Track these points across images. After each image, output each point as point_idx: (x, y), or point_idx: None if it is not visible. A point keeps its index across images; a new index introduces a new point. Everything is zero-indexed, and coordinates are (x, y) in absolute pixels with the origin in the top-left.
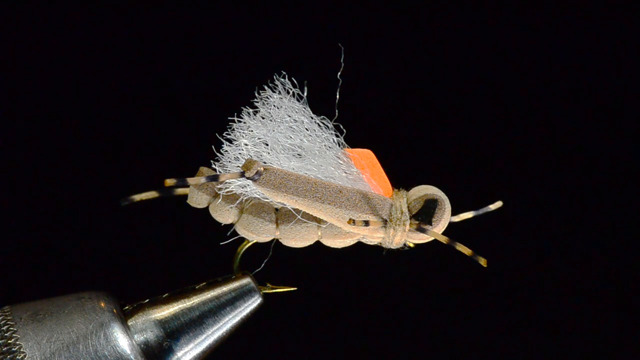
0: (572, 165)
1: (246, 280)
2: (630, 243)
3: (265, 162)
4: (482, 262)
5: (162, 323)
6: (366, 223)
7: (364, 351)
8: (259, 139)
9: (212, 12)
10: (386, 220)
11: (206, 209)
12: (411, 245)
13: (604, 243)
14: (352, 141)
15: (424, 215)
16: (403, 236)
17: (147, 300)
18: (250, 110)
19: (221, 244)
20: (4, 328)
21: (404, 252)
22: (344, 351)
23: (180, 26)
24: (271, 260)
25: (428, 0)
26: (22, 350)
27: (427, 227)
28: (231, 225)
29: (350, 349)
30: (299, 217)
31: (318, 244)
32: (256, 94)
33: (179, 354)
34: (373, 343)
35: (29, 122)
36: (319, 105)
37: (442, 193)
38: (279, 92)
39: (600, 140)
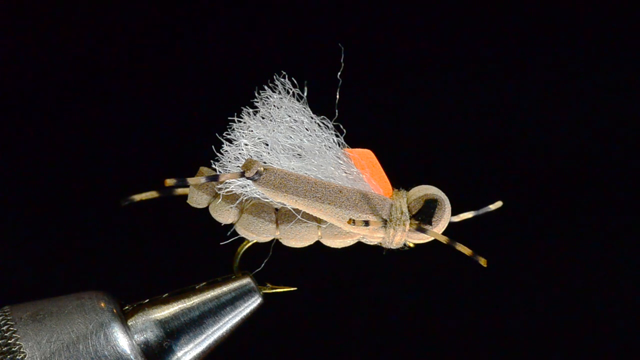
0: (572, 165)
1: (246, 280)
2: (630, 243)
3: (265, 162)
4: (482, 262)
5: (162, 323)
6: (366, 223)
7: (364, 351)
8: (259, 139)
9: (212, 12)
10: (386, 220)
11: (206, 209)
12: (411, 245)
13: (603, 242)
14: (352, 141)
15: (424, 215)
16: (403, 236)
17: (147, 300)
18: (250, 110)
19: (221, 244)
20: (4, 328)
21: (404, 252)
22: (344, 351)
23: (181, 26)
24: (271, 260)
25: (428, 0)
26: (22, 350)
27: (427, 227)
28: (231, 225)
29: (350, 349)
30: (299, 217)
31: (318, 244)
32: (256, 94)
33: (179, 354)
34: (373, 343)
35: (30, 122)
36: (319, 105)
37: (442, 193)
38: (279, 92)
39: (600, 140)
